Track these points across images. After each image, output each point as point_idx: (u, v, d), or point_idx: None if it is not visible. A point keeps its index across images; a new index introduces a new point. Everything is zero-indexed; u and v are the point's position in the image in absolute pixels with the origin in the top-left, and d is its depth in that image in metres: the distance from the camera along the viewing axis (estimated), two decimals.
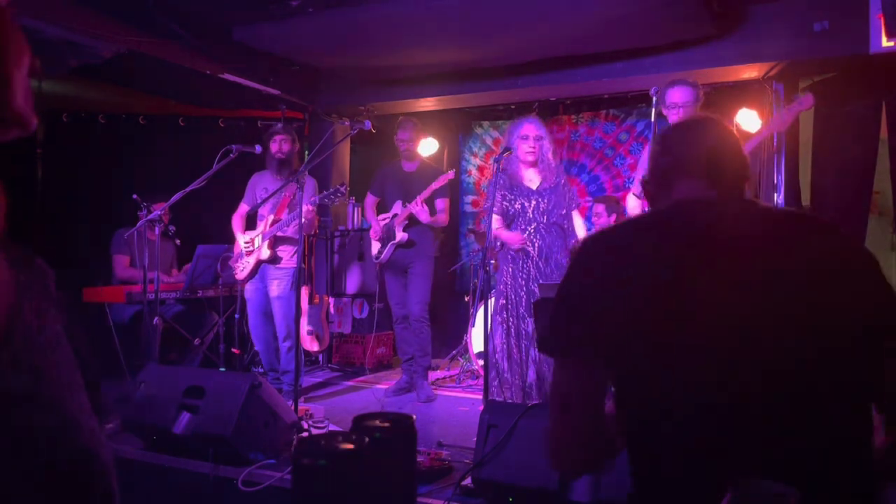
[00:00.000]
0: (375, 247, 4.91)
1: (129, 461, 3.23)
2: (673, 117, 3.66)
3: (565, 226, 4.07)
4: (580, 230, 4.17)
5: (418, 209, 4.66)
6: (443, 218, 4.82)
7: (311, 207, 4.42)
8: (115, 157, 6.06)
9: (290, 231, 4.52)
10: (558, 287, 1.30)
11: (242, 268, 4.60)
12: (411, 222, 4.77)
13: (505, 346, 3.99)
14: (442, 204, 4.81)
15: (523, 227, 4.03)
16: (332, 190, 4.34)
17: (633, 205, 3.95)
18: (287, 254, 4.56)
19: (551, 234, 4.03)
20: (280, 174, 4.60)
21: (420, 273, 4.79)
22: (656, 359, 1.19)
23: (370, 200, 5.05)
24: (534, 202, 4.03)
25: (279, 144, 4.56)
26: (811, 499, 1.06)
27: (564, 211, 4.06)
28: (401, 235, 4.75)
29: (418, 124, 4.93)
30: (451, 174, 4.80)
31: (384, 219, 4.89)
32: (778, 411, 1.15)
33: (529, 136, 4.03)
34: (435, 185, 4.67)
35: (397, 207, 4.85)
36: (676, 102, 3.62)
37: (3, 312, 0.77)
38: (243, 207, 4.74)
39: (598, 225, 5.37)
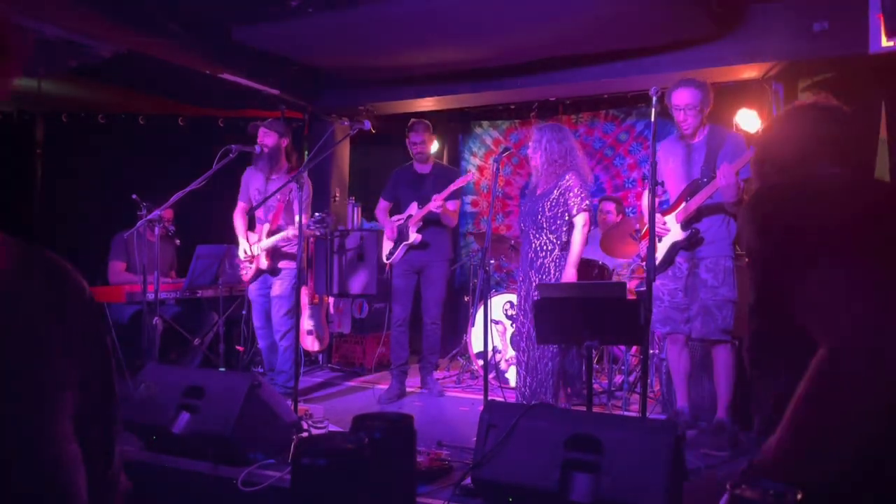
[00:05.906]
0: (387, 247, 4.86)
1: (128, 461, 3.22)
2: (679, 119, 3.61)
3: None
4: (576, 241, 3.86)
5: (441, 209, 4.60)
6: (454, 219, 4.82)
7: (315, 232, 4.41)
8: (115, 157, 6.06)
9: (290, 248, 4.47)
10: None
11: (246, 271, 4.62)
12: (426, 224, 4.73)
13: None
14: (453, 205, 4.78)
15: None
16: (317, 217, 4.23)
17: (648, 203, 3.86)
18: (287, 261, 4.54)
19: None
20: (265, 171, 4.55)
21: (437, 276, 4.80)
22: None
23: (382, 206, 5.00)
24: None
25: (260, 138, 4.51)
26: None
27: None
28: (414, 237, 4.70)
29: (430, 126, 4.87)
30: (471, 175, 4.91)
31: (398, 220, 4.84)
32: None
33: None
34: (454, 186, 4.58)
35: (412, 209, 4.78)
36: (679, 105, 3.57)
37: None
38: (241, 205, 4.72)
39: (606, 223, 5.39)
